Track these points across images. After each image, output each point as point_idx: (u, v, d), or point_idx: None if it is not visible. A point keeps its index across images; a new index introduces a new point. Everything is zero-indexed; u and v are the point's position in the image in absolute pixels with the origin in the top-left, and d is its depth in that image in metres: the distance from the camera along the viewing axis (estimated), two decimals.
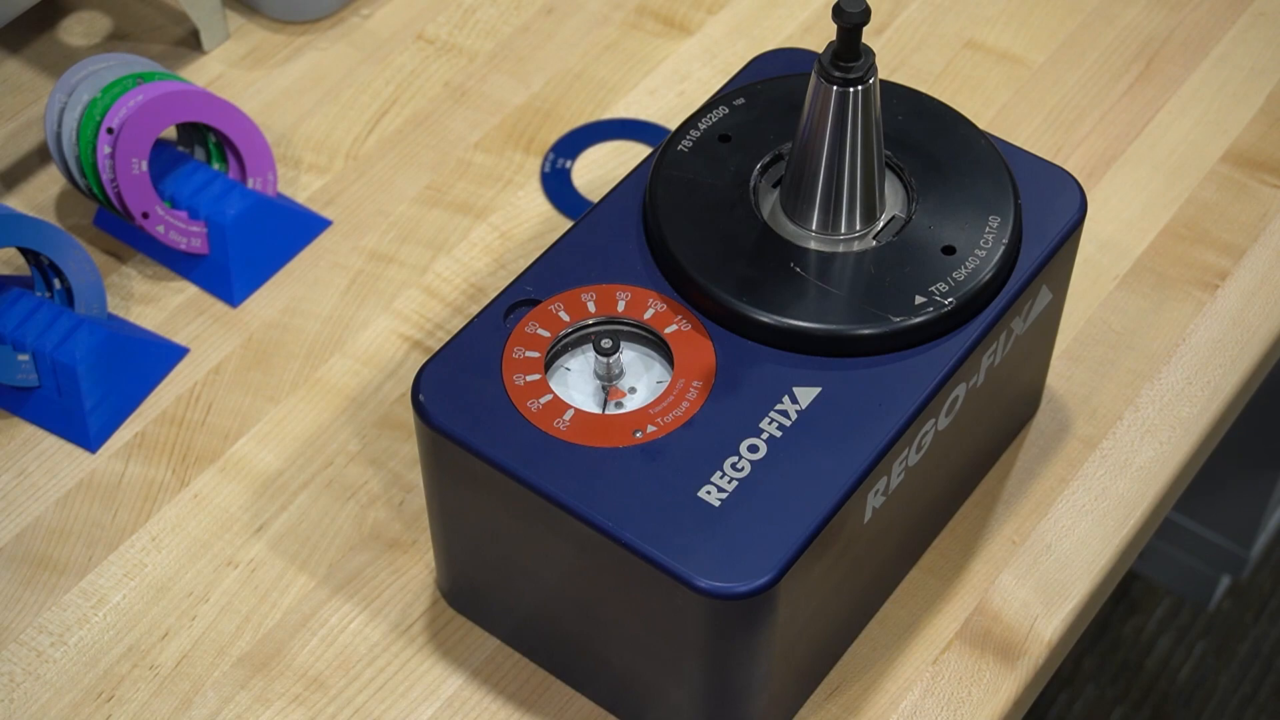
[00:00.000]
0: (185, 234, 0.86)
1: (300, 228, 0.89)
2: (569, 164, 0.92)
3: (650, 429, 0.66)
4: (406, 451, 0.80)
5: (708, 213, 0.71)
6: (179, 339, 0.85)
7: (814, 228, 0.70)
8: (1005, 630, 0.75)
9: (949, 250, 0.70)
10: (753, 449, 0.65)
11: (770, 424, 0.66)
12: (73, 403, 0.81)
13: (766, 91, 0.75)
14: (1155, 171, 0.92)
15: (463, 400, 0.67)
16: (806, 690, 0.72)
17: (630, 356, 0.69)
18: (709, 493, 0.64)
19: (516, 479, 0.65)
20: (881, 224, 0.71)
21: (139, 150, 0.84)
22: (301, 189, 0.91)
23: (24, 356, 0.81)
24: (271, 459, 0.81)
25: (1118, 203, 0.90)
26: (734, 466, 0.65)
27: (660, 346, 0.69)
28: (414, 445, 0.80)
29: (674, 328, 0.69)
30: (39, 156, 0.93)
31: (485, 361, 0.68)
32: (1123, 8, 1.00)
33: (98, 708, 0.73)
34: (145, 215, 0.85)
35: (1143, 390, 0.82)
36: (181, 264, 0.88)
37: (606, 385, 0.68)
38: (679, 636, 0.65)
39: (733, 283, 0.68)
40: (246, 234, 0.87)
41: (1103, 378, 0.83)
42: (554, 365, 0.69)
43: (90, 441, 0.81)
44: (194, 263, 0.87)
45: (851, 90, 0.67)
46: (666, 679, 0.68)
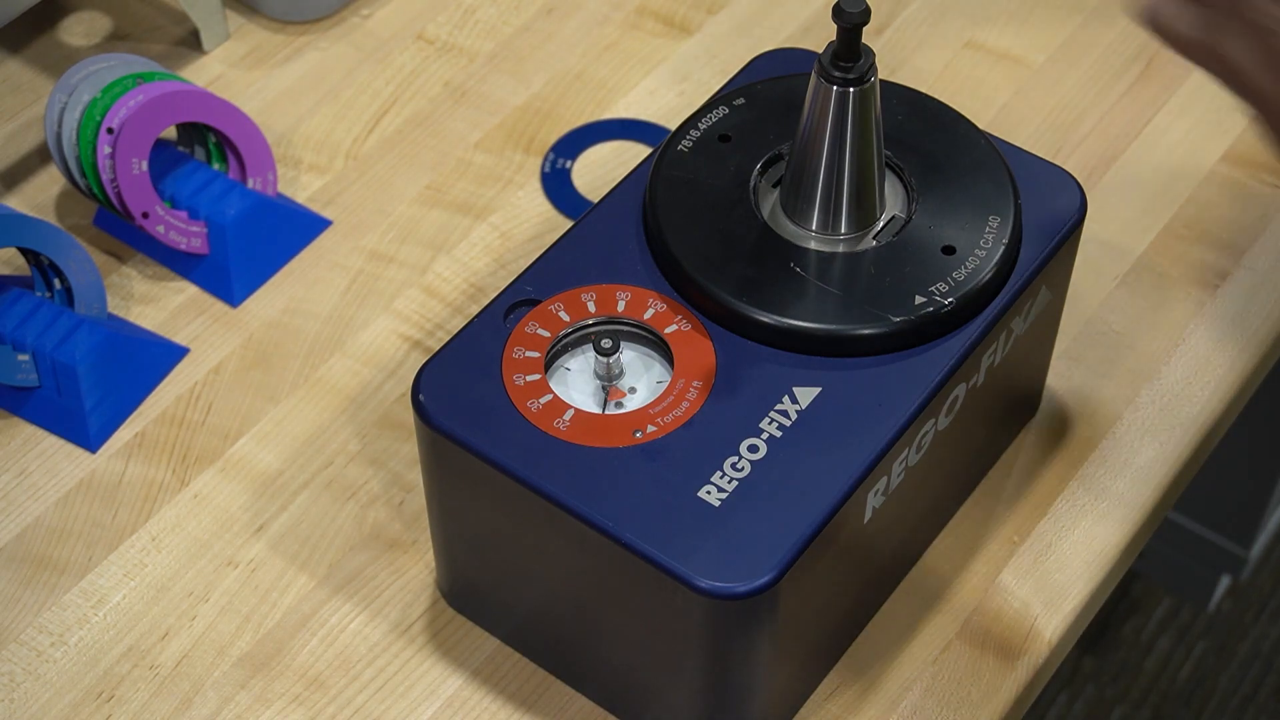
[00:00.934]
0: (185, 234, 0.86)
1: (300, 228, 0.89)
2: (569, 164, 0.92)
3: (650, 429, 0.66)
4: (406, 451, 0.80)
5: (708, 213, 0.71)
6: (179, 339, 0.85)
7: (814, 228, 0.70)
8: (1005, 630, 0.75)
9: (949, 250, 0.70)
10: (753, 449, 0.65)
11: (770, 424, 0.66)
12: (73, 403, 0.81)
13: (766, 91, 0.75)
14: (1155, 171, 0.92)
15: (463, 400, 0.67)
16: (806, 690, 0.72)
17: (630, 356, 0.69)
18: (709, 493, 0.64)
19: (516, 479, 0.65)
20: (881, 224, 0.71)
21: (139, 150, 0.84)
22: (301, 189, 0.91)
23: (24, 356, 0.81)
24: (271, 459, 0.81)
25: (1118, 202, 0.90)
26: (734, 466, 0.65)
27: (660, 346, 0.69)
28: (414, 445, 0.80)
29: (674, 328, 0.68)
30: (39, 156, 0.93)
31: (485, 361, 0.68)
32: (1123, 8, 1.00)
33: (98, 708, 0.73)
34: (145, 215, 0.85)
35: (1143, 390, 0.82)
36: (181, 264, 0.87)
37: (606, 385, 0.68)
38: (679, 636, 0.65)
39: (733, 283, 0.68)
40: (246, 234, 0.87)
41: (1103, 378, 0.83)
42: (554, 365, 0.69)
43: (90, 441, 0.81)
44: (194, 263, 0.87)
45: (851, 90, 0.67)
46: (666, 679, 0.68)
